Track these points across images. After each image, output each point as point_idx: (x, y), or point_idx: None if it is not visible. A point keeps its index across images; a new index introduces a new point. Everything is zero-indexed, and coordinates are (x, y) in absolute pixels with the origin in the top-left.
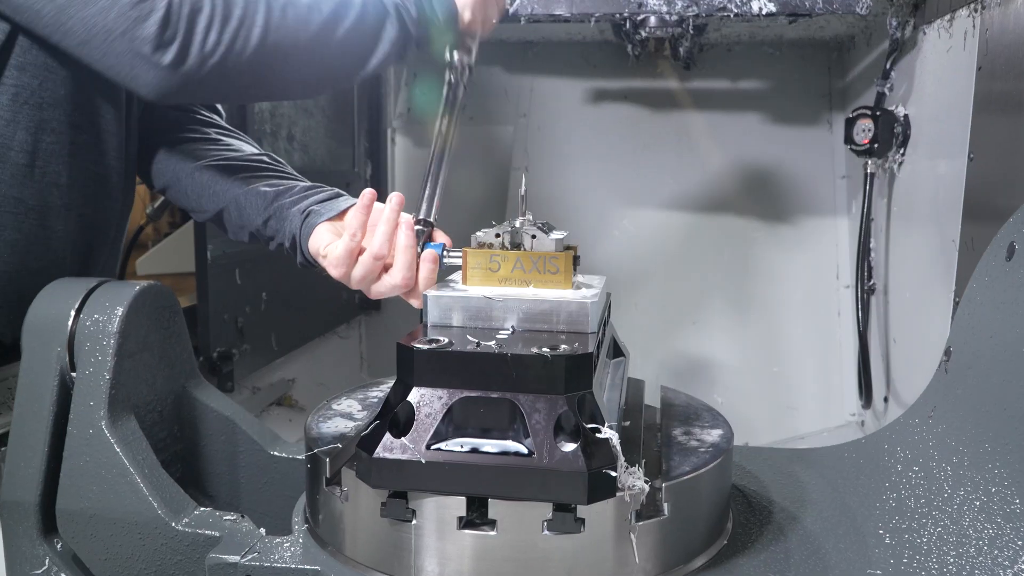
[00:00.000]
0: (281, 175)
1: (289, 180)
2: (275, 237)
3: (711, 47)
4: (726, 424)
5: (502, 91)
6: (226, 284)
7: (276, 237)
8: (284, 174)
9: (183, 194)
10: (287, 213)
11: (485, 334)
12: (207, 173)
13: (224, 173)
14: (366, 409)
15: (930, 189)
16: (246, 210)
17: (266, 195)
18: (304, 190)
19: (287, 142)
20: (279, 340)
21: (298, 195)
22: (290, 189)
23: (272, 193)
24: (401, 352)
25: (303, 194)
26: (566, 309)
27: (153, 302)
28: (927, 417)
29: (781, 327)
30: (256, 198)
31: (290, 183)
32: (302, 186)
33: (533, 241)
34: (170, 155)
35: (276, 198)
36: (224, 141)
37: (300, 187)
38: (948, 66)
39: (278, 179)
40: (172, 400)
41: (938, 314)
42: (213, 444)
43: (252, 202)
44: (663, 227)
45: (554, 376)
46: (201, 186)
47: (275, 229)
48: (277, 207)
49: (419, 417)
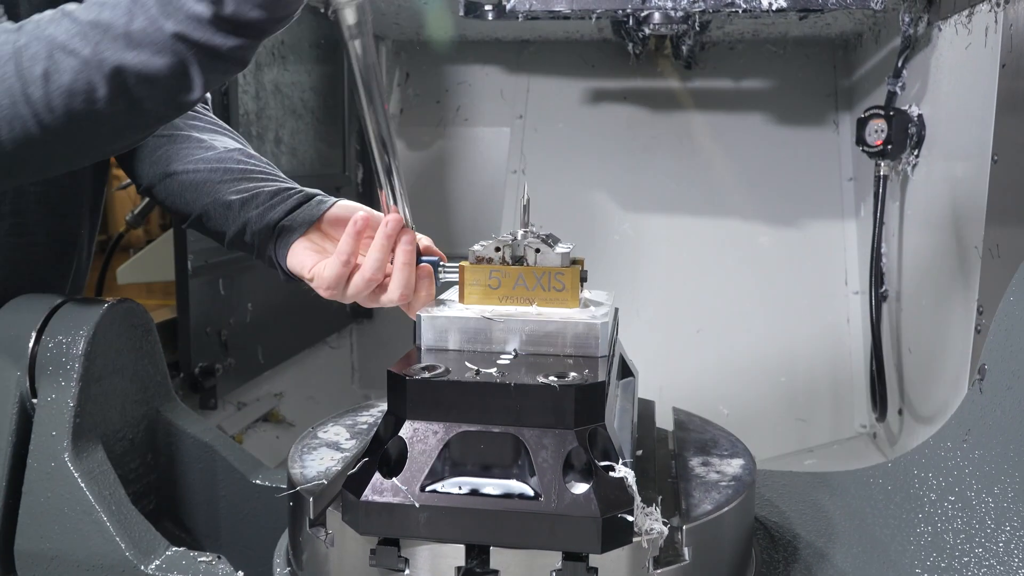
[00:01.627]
0: (250, 176)
1: (257, 182)
2: (252, 252)
3: (713, 46)
4: (747, 453)
5: (498, 92)
6: (208, 295)
7: (253, 252)
8: (254, 175)
9: (161, 199)
10: (257, 228)
11: (485, 359)
12: (177, 179)
13: (193, 178)
14: (355, 437)
15: (947, 192)
16: (216, 221)
17: (232, 205)
18: (271, 197)
19: (275, 145)
20: (266, 353)
21: (264, 205)
22: (255, 197)
23: (238, 203)
24: (392, 381)
25: (269, 203)
26: (573, 330)
27: (123, 320)
28: (961, 441)
29: (788, 335)
30: (223, 209)
31: (257, 187)
32: (268, 192)
33: (536, 255)
34: (147, 156)
35: (243, 208)
36: (197, 138)
37: (266, 194)
38: (967, 63)
39: (247, 182)
40: (145, 426)
41: (958, 323)
42: (190, 473)
43: (221, 213)
44: (665, 232)
45: (563, 408)
46: (174, 194)
47: (249, 244)
48: (245, 220)
49: (412, 454)
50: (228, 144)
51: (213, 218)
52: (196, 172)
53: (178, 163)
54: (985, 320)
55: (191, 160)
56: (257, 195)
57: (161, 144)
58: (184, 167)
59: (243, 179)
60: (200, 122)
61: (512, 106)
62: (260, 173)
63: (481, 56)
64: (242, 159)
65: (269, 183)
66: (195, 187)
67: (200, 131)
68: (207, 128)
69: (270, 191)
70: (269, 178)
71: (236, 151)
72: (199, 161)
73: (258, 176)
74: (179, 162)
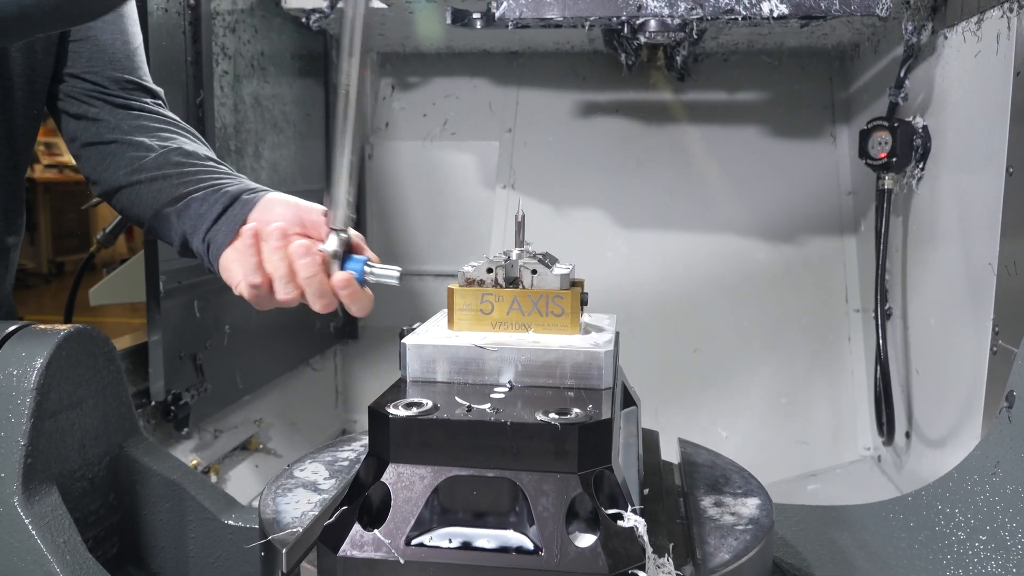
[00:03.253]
0: (186, 179)
1: (192, 187)
2: (203, 262)
3: (706, 57)
4: (762, 491)
5: (486, 104)
6: (182, 318)
7: (204, 263)
8: (189, 178)
9: (120, 211)
10: (194, 242)
11: (477, 393)
12: (125, 193)
13: (137, 192)
14: (335, 476)
15: (954, 206)
16: (163, 233)
17: (169, 217)
18: (201, 203)
19: (254, 160)
20: (244, 377)
21: (195, 217)
22: (188, 206)
23: (174, 213)
24: (373, 419)
25: (200, 212)
26: (574, 360)
27: (82, 349)
28: (990, 474)
29: (788, 354)
30: (164, 222)
31: (190, 193)
32: (198, 199)
33: (533, 277)
34: (99, 167)
35: (179, 220)
36: (140, 142)
37: (197, 200)
38: (977, 72)
39: (183, 186)
40: (107, 464)
41: (969, 343)
42: (156, 513)
43: (164, 226)
44: (659, 248)
45: (565, 449)
46: (126, 207)
47: (196, 255)
48: (182, 232)
49: (396, 502)
50: (169, 144)
51: (160, 231)
52: (139, 184)
53: (124, 174)
54: (1002, 341)
55: (134, 170)
56: (189, 203)
57: (110, 153)
58: (128, 179)
59: (180, 183)
60: (148, 121)
61: (501, 119)
62: (196, 174)
63: (469, 68)
64: (180, 160)
65: (202, 186)
66: (140, 201)
67: (146, 132)
68: (153, 128)
69: (200, 197)
70: (204, 180)
71: (174, 151)
72: (140, 171)
73: (192, 179)
74: (125, 173)
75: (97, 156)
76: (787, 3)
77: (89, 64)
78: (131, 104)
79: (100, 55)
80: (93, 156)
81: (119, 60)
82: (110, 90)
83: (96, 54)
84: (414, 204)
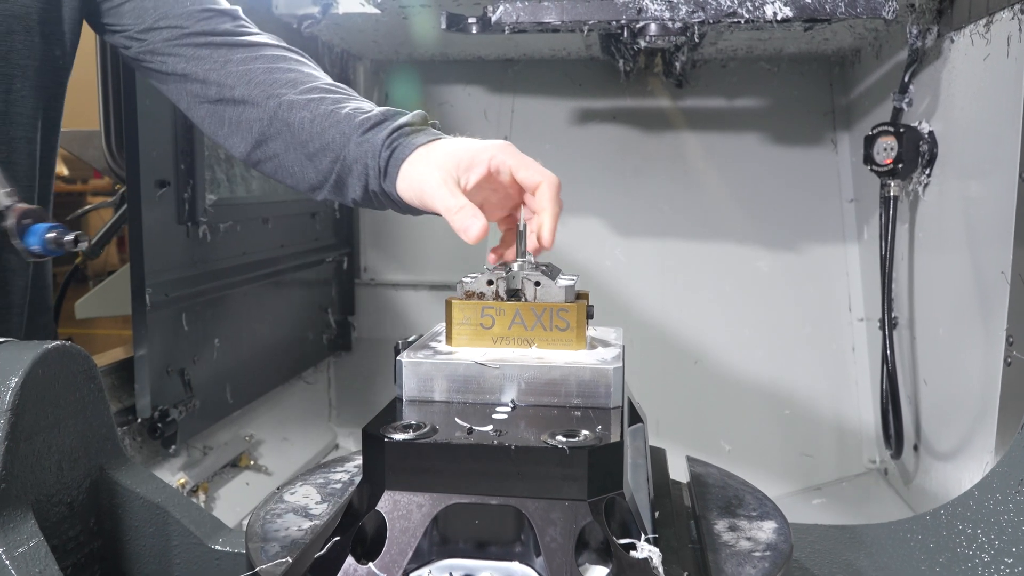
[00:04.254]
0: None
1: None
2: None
3: (704, 63)
4: (778, 513)
5: (481, 112)
6: (170, 332)
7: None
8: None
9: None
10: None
11: (478, 413)
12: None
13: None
14: (327, 500)
15: (961, 213)
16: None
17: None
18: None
19: (244, 169)
20: (235, 391)
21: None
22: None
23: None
24: (368, 443)
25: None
26: (580, 377)
27: (61, 367)
28: (1014, 491)
29: (790, 365)
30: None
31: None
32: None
33: (536, 289)
34: (216, 129)
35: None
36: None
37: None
38: (986, 76)
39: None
40: (87, 487)
41: (980, 353)
42: (140, 538)
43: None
44: (658, 257)
45: (574, 475)
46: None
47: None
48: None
49: (392, 533)
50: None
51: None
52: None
53: (245, 147)
54: (1017, 352)
55: (257, 142)
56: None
57: (220, 117)
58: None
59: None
60: (245, 64)
61: (496, 127)
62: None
63: (464, 76)
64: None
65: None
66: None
67: (249, 83)
68: (256, 76)
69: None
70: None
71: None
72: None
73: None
74: (246, 145)
75: (213, 121)
76: (791, 5)
77: (156, 9)
78: (216, 40)
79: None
80: (207, 119)
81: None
82: (190, 29)
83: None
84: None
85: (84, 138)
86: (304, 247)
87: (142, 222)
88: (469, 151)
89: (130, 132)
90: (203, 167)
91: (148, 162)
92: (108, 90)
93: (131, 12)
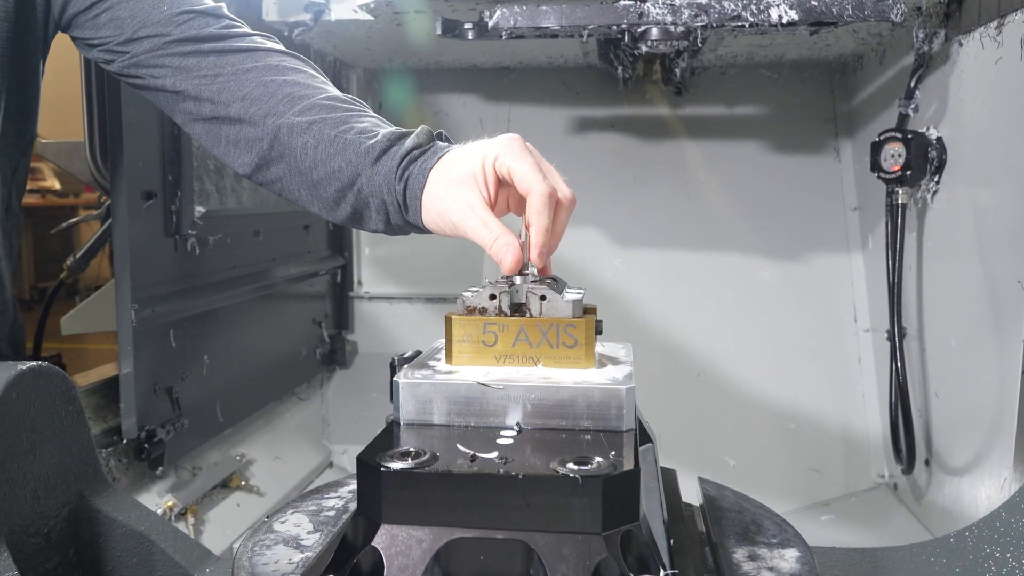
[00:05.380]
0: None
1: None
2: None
3: (704, 70)
4: (799, 539)
5: (477, 121)
6: (157, 349)
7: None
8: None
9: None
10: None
11: (481, 437)
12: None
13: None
14: (319, 529)
15: (973, 220)
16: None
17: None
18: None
19: (235, 180)
20: (225, 410)
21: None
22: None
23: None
24: (363, 472)
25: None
26: (591, 398)
27: (37, 389)
28: None
29: (795, 377)
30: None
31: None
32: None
33: (542, 304)
34: (213, 146)
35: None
36: (240, 117)
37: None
38: (997, 79)
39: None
40: (66, 516)
41: (995, 364)
42: (122, 569)
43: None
44: (659, 268)
45: (587, 506)
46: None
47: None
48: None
49: (389, 571)
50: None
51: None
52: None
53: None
54: None
55: (259, 165)
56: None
57: (216, 135)
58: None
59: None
60: (234, 79)
61: (492, 136)
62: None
63: (459, 84)
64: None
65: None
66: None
67: (243, 99)
68: (250, 91)
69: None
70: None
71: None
72: (266, 167)
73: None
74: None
75: (210, 138)
76: (797, 9)
77: (134, 18)
78: (204, 48)
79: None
80: (204, 137)
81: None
82: (172, 36)
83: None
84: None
85: (70, 149)
86: (297, 260)
87: (127, 235)
88: (479, 161)
89: (115, 142)
90: (191, 178)
91: (133, 173)
92: (92, 99)
93: (108, 23)
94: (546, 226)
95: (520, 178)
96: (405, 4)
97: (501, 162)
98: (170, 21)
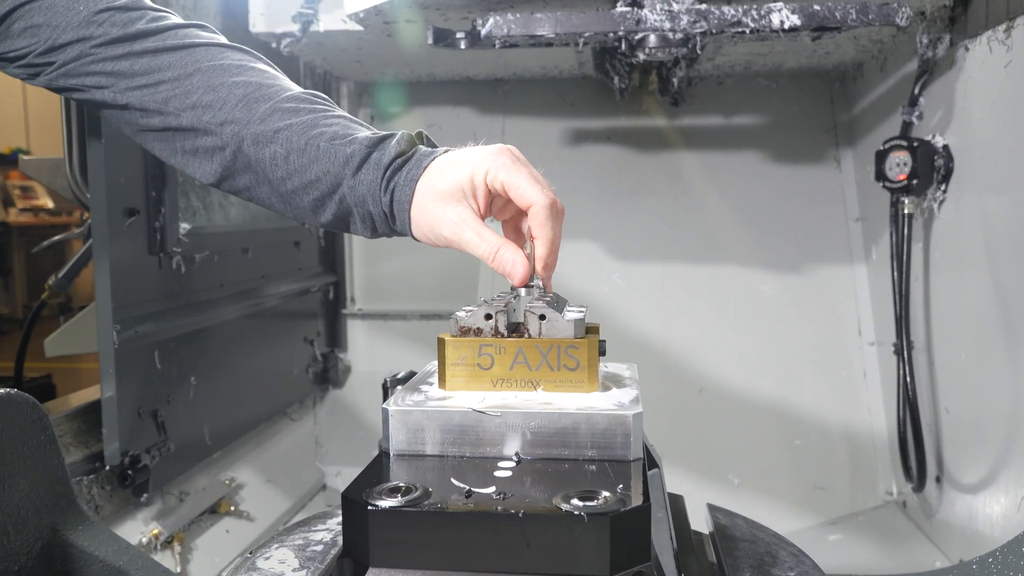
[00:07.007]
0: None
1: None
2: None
3: (701, 80)
4: (817, 571)
5: (471, 133)
6: (141, 371)
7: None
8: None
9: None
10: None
11: (477, 469)
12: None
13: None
14: (306, 566)
15: (982, 230)
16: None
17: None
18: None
19: (222, 196)
20: (213, 432)
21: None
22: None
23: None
24: (348, 510)
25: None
26: (595, 425)
27: (6, 419)
28: None
29: (799, 392)
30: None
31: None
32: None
33: (541, 323)
34: (168, 155)
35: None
36: (192, 129)
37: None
38: (1006, 84)
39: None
40: (38, 551)
41: (1008, 377)
42: None
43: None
44: (658, 281)
45: (594, 546)
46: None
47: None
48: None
49: None
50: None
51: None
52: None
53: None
54: None
55: (222, 175)
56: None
57: (168, 142)
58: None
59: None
60: (170, 84)
61: None
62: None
63: (452, 96)
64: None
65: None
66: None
67: (191, 107)
68: (194, 99)
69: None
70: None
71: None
72: (230, 176)
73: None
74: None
75: (165, 149)
76: (799, 14)
77: (50, 24)
78: (135, 48)
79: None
80: (157, 148)
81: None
82: (96, 38)
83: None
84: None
85: (52, 166)
86: (287, 277)
87: (109, 253)
88: (467, 175)
89: (94, 157)
90: (175, 194)
91: (114, 189)
92: (71, 113)
93: (23, 33)
94: (551, 238)
95: (517, 192)
96: (395, 13)
97: (494, 176)
98: (90, 22)
